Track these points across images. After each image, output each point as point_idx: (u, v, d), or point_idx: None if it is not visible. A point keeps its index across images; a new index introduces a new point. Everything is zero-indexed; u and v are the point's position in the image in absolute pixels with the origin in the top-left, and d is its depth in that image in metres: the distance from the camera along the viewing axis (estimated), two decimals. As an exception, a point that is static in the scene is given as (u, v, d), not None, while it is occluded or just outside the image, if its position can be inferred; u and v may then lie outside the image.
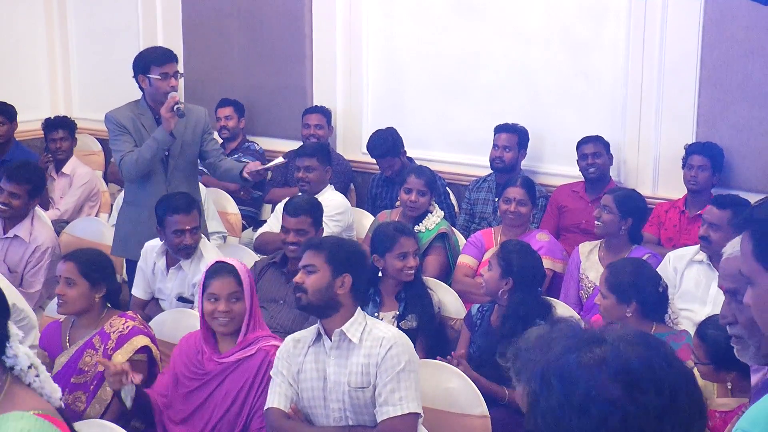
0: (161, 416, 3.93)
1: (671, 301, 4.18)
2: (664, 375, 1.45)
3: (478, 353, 4.24)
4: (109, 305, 4.20)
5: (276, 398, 3.64)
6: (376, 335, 3.56)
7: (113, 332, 4.04)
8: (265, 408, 3.66)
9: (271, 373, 3.72)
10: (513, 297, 4.35)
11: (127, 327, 4.06)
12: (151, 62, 5.35)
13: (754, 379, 2.45)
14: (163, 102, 5.24)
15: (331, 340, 3.59)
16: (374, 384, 3.51)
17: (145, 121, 5.37)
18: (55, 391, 2.67)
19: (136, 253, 5.19)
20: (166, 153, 5.35)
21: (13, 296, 4.35)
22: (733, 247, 2.41)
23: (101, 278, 4.12)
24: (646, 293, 3.99)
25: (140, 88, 5.43)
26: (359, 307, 3.64)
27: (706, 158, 5.67)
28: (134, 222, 5.44)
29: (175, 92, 5.29)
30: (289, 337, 3.76)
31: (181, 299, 4.98)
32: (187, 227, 4.92)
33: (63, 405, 2.72)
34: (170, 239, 4.95)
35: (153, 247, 5.14)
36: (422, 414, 3.54)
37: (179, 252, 4.97)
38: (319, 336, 3.63)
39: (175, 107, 5.20)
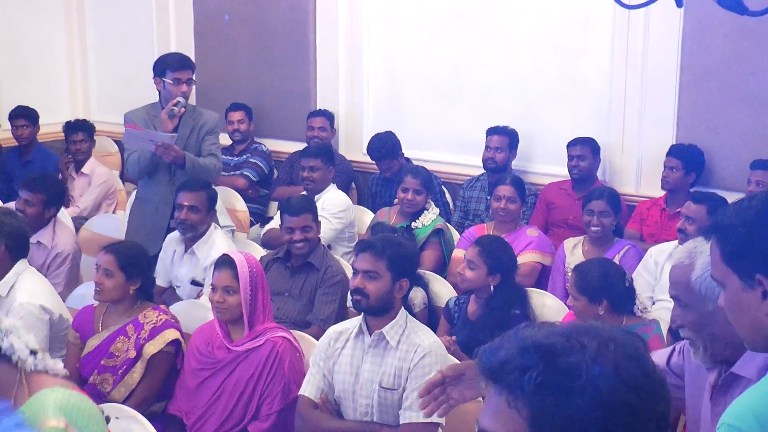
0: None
1: (638, 293, 4.21)
2: (655, 373, 1.41)
3: (460, 347, 4.23)
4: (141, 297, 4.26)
5: (308, 387, 3.69)
6: (413, 341, 3.55)
7: (147, 323, 4.10)
8: (299, 393, 3.71)
9: (310, 360, 3.76)
10: (498, 289, 4.38)
11: (161, 320, 4.12)
12: (167, 67, 5.40)
13: (710, 377, 2.44)
14: None
15: (371, 337, 3.61)
16: (404, 387, 3.52)
17: (159, 122, 5.40)
18: (57, 364, 2.89)
19: (144, 246, 5.23)
20: None
21: (60, 307, 4.39)
22: (677, 256, 2.46)
23: (137, 272, 4.19)
24: (614, 291, 3.99)
25: (157, 89, 5.48)
26: (402, 307, 3.66)
27: (677, 160, 5.74)
28: (141, 216, 5.51)
29: (182, 97, 5.31)
30: (331, 328, 3.79)
31: (194, 283, 5.04)
32: (186, 203, 5.00)
33: (67, 374, 2.95)
34: (176, 214, 5.07)
35: (173, 236, 5.20)
36: (443, 423, 3.54)
37: (178, 226, 5.06)
38: (360, 331, 3.65)
39: (170, 109, 5.25)
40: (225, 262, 3.99)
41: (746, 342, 1.99)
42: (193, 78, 5.46)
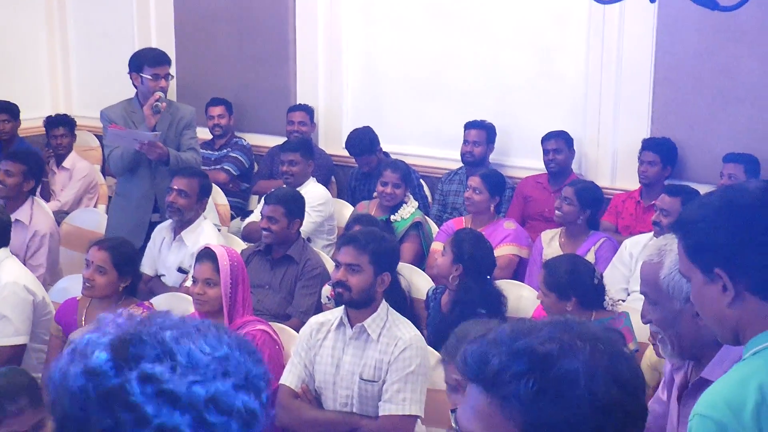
0: None
1: (612, 285, 4.17)
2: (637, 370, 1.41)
3: (430, 337, 4.19)
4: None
5: (289, 377, 3.66)
6: (394, 334, 3.54)
7: None
8: (280, 382, 3.68)
9: (291, 351, 3.73)
10: (462, 284, 4.29)
11: None
12: (144, 62, 5.33)
13: (677, 379, 2.45)
14: None
15: (352, 329, 3.58)
16: (384, 379, 3.51)
17: (136, 118, 5.35)
18: None
19: None
20: None
21: (41, 291, 4.34)
22: (647, 252, 2.45)
23: (130, 270, 4.15)
24: (583, 288, 3.92)
25: (134, 85, 5.40)
26: (384, 300, 3.63)
27: (655, 154, 5.73)
28: (123, 212, 5.44)
29: (161, 92, 5.25)
30: (313, 318, 3.77)
31: (181, 270, 5.00)
32: (176, 187, 4.97)
33: None
34: (166, 197, 5.06)
35: (163, 225, 5.18)
36: (422, 416, 3.53)
37: (166, 209, 5.03)
38: (341, 323, 3.62)
39: (154, 104, 5.19)
40: (206, 254, 3.95)
41: (717, 335, 1.99)
42: (171, 73, 5.40)
